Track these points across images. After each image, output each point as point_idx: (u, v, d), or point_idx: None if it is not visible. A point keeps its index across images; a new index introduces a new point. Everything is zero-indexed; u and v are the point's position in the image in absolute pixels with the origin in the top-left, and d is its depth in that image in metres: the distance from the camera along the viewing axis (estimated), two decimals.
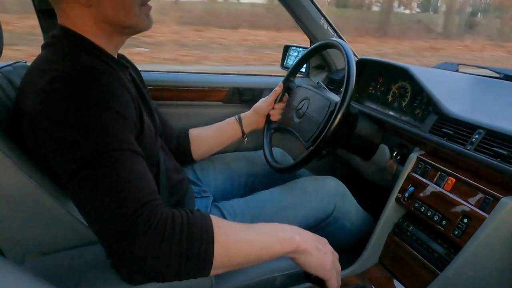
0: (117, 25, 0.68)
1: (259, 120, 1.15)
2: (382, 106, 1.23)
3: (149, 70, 1.38)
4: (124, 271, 0.54)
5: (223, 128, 1.13)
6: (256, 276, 0.83)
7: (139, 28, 0.70)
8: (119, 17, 0.66)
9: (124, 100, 0.61)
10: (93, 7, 0.64)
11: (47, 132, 0.55)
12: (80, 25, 0.66)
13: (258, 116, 1.14)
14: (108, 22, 0.67)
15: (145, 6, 0.70)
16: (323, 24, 1.39)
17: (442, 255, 0.85)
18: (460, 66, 1.29)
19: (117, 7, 0.65)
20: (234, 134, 1.14)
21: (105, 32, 0.68)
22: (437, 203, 0.85)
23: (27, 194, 0.63)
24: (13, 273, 0.36)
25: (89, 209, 0.54)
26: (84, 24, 0.66)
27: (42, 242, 0.68)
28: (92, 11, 0.65)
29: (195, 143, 1.10)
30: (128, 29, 0.70)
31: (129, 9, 0.66)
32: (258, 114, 1.14)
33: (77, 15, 0.65)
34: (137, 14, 0.68)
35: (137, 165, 0.57)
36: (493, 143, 0.78)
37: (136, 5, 0.67)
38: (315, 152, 0.89)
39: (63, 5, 0.65)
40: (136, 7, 0.67)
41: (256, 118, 1.14)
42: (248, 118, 1.14)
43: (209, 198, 1.02)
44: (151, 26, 0.72)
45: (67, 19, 0.66)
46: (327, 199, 1.01)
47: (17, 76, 0.79)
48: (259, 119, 1.15)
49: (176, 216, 0.55)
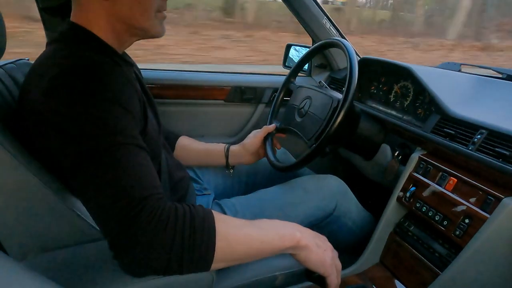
0: (129, 25, 0.68)
1: (247, 156, 1.09)
2: (384, 105, 1.22)
3: (151, 69, 1.38)
4: (126, 263, 0.55)
5: (211, 152, 1.10)
6: (256, 275, 0.83)
7: (150, 32, 0.70)
8: (134, 16, 0.66)
9: (129, 95, 0.62)
10: (110, 1, 0.64)
11: (53, 126, 0.55)
12: (92, 19, 0.66)
13: (246, 152, 1.08)
14: (121, 20, 0.67)
15: (161, 13, 0.70)
16: (325, 24, 1.39)
17: (443, 255, 0.85)
18: (463, 66, 1.29)
19: (133, 6, 0.65)
20: (220, 162, 1.10)
21: (116, 29, 0.68)
22: (438, 203, 0.85)
23: (29, 191, 0.63)
24: (15, 270, 0.36)
25: (93, 202, 0.55)
26: (97, 19, 0.66)
27: (44, 239, 0.68)
28: (108, 6, 0.65)
29: (181, 151, 1.08)
30: (140, 31, 0.70)
31: (145, 11, 0.67)
32: (247, 151, 1.08)
33: (92, 8, 0.65)
34: (151, 18, 0.68)
35: (141, 159, 0.57)
36: (495, 143, 0.78)
37: (152, 9, 0.68)
38: (318, 150, 0.89)
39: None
40: (152, 11, 0.68)
41: (243, 153, 1.09)
42: (235, 153, 1.09)
43: (210, 196, 1.02)
44: (163, 34, 0.72)
45: (80, 12, 0.66)
46: (328, 197, 1.01)
47: (20, 73, 0.79)
48: (247, 155, 1.09)
49: (179, 209, 0.56)
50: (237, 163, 1.11)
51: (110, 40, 0.69)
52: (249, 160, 1.10)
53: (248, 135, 1.11)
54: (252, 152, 1.09)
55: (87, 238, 0.70)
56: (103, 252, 0.55)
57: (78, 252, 0.68)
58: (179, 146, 1.09)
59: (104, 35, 0.67)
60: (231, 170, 1.13)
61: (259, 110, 1.50)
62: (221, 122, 1.49)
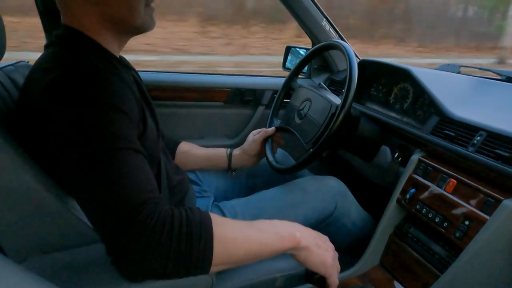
0: (121, 24, 0.68)
1: (248, 159, 1.10)
2: (384, 107, 1.22)
3: (151, 71, 1.38)
4: (124, 268, 0.55)
5: (212, 157, 1.10)
6: (256, 277, 0.83)
7: (143, 28, 0.71)
8: (124, 16, 0.67)
9: (128, 100, 0.62)
10: (99, 5, 0.64)
11: (50, 130, 0.55)
12: (85, 23, 0.66)
13: (247, 156, 1.09)
14: (113, 21, 0.67)
15: (149, 7, 0.71)
16: (325, 26, 1.39)
17: (443, 257, 0.85)
18: (462, 68, 1.29)
19: (122, 5, 0.65)
20: (221, 167, 1.11)
21: (109, 31, 0.68)
22: (438, 205, 0.85)
23: (28, 193, 0.63)
24: (14, 272, 0.36)
25: (91, 206, 0.55)
26: (89, 22, 0.66)
27: (43, 241, 0.68)
28: (97, 9, 0.65)
29: (182, 157, 1.09)
30: (132, 29, 0.71)
31: (134, 9, 0.67)
32: (248, 155, 1.09)
33: (82, 13, 0.65)
34: (141, 15, 0.68)
35: (139, 163, 0.57)
36: (494, 145, 0.78)
37: (141, 5, 0.68)
38: (315, 154, 0.89)
39: (69, 2, 0.65)
40: (141, 7, 0.68)
41: (245, 157, 1.09)
42: (237, 157, 1.10)
43: (209, 198, 1.02)
44: (154, 27, 0.73)
45: (72, 17, 0.66)
46: (328, 199, 1.01)
47: (19, 76, 0.79)
48: (249, 159, 1.09)
49: (176, 214, 0.55)
50: (239, 166, 1.12)
51: (106, 42, 0.69)
52: (251, 163, 1.11)
53: (247, 138, 1.11)
54: (253, 155, 1.09)
55: (86, 240, 0.69)
56: (102, 254, 0.55)
57: (77, 254, 0.68)
58: (180, 152, 1.09)
59: (99, 37, 0.68)
60: (233, 173, 1.13)
61: (259, 112, 1.50)
62: (221, 124, 1.49)
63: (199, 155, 1.10)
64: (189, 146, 1.12)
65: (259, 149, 1.09)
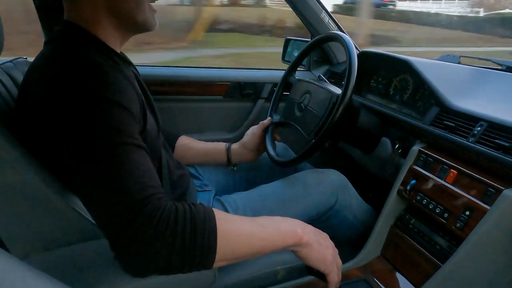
0: (124, 20, 0.68)
1: (247, 154, 1.10)
2: (384, 99, 1.22)
3: (150, 65, 1.38)
4: (127, 263, 0.55)
5: (211, 152, 1.11)
6: (258, 269, 0.83)
7: (146, 26, 0.71)
8: (129, 11, 0.67)
9: (129, 95, 0.61)
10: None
11: (52, 126, 0.55)
12: (87, 17, 0.66)
13: (246, 150, 1.09)
14: (116, 15, 0.67)
15: (151, 7, 0.71)
16: (324, 18, 1.38)
17: (444, 248, 0.86)
18: (462, 58, 1.28)
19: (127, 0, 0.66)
20: (220, 161, 1.11)
21: (111, 25, 0.68)
22: (439, 195, 0.85)
23: (30, 189, 0.63)
24: (17, 268, 0.36)
25: (93, 202, 0.55)
26: (92, 16, 0.66)
27: (46, 237, 0.68)
28: (101, 2, 0.65)
29: (181, 151, 1.09)
30: (135, 25, 0.70)
31: (140, 4, 0.67)
32: (247, 149, 1.09)
33: (85, 6, 0.65)
34: (145, 11, 0.69)
35: (141, 159, 0.57)
36: (495, 135, 0.78)
37: (146, 2, 0.68)
38: (318, 145, 0.89)
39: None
40: (146, 4, 0.68)
41: (244, 151, 1.10)
42: (236, 151, 1.10)
43: (211, 192, 1.02)
44: (156, 27, 0.73)
45: (75, 11, 0.66)
46: (329, 192, 1.01)
47: (18, 72, 0.79)
48: (248, 153, 1.10)
49: (179, 209, 0.55)
50: (239, 161, 1.12)
51: (107, 38, 0.68)
52: (250, 157, 1.11)
53: (246, 132, 1.11)
54: (252, 149, 1.09)
55: (90, 236, 0.70)
56: (106, 250, 0.55)
57: (81, 250, 0.69)
58: (179, 145, 1.09)
59: (101, 33, 0.67)
60: (235, 167, 1.14)
61: (259, 106, 1.49)
62: (221, 118, 1.49)
63: (197, 149, 1.11)
64: (188, 140, 1.12)
65: (258, 143, 1.09)
